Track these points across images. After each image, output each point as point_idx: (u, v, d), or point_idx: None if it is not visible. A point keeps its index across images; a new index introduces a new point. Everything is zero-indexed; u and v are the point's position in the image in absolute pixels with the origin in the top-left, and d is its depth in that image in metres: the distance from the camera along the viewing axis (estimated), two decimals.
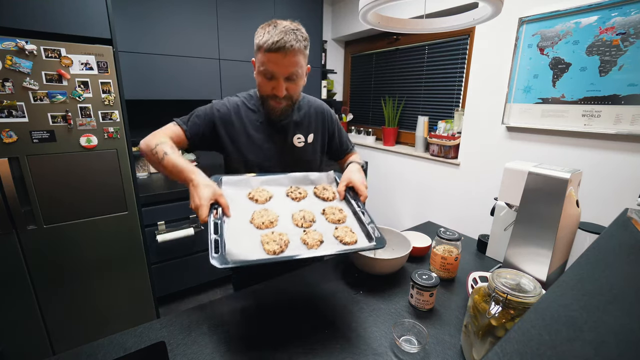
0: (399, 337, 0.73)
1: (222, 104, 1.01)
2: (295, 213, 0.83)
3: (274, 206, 0.85)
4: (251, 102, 1.03)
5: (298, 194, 0.90)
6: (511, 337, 0.35)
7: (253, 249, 0.70)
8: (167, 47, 2.00)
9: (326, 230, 0.79)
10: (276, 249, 0.69)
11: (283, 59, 0.85)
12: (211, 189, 0.75)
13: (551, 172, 0.88)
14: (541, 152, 1.69)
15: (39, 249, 1.45)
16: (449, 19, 1.04)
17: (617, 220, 0.78)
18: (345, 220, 0.85)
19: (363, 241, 0.77)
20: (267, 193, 0.88)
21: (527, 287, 0.60)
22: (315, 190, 0.94)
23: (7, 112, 1.29)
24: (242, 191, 0.88)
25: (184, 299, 2.25)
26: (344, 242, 0.76)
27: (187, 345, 0.73)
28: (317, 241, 0.74)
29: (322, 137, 1.12)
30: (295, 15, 2.48)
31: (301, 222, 0.80)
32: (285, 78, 0.89)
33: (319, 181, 0.98)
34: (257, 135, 1.00)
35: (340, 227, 0.81)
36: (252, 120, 1.01)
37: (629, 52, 1.33)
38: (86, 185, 1.51)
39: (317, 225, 0.81)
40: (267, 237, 0.72)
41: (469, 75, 2.00)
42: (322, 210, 0.87)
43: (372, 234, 0.77)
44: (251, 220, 0.78)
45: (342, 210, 0.87)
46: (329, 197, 0.92)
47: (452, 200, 2.21)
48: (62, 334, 1.59)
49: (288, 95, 0.93)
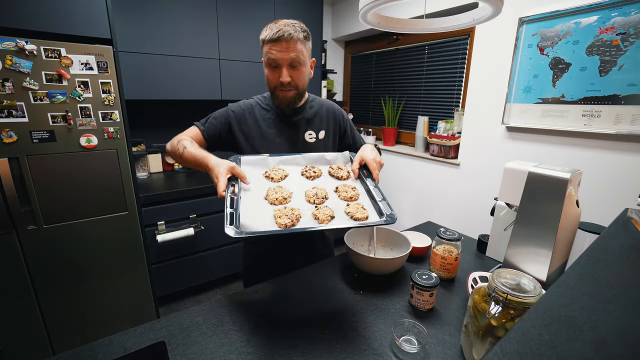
0: (399, 337, 0.73)
1: (237, 105, 1.08)
2: (308, 190, 0.86)
3: (289, 184, 0.88)
4: (265, 102, 1.10)
5: (313, 173, 0.92)
6: (511, 337, 0.35)
7: (265, 222, 0.73)
8: (167, 47, 2.00)
9: (338, 206, 0.81)
10: (287, 223, 0.72)
11: (283, 47, 0.93)
12: (225, 164, 0.82)
13: (551, 172, 0.88)
14: (541, 152, 1.69)
15: (39, 249, 1.45)
16: (449, 19, 1.04)
17: (617, 220, 0.78)
18: (357, 197, 0.86)
19: (374, 217, 0.78)
20: (282, 172, 0.91)
21: (527, 287, 0.60)
22: (330, 169, 0.96)
23: (7, 112, 1.29)
24: (258, 170, 0.91)
25: (184, 299, 2.25)
26: (354, 218, 0.76)
27: (187, 345, 0.73)
28: (327, 216, 0.76)
29: (334, 134, 1.16)
30: (295, 15, 2.48)
31: (313, 198, 0.82)
32: (288, 65, 0.96)
33: (335, 161, 1.00)
34: (269, 131, 1.06)
35: (352, 204, 0.82)
36: (265, 118, 1.07)
37: (629, 52, 1.33)
38: (86, 185, 1.51)
39: (329, 202, 0.83)
40: (280, 212, 0.75)
41: (469, 75, 2.00)
42: (335, 188, 0.89)
43: (383, 210, 0.78)
44: (265, 196, 0.81)
45: (354, 188, 0.89)
46: (343, 176, 0.94)
47: (452, 200, 2.21)
48: (62, 334, 1.59)
49: (293, 83, 0.98)
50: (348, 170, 0.96)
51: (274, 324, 0.80)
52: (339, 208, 0.80)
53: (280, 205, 0.79)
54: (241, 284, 2.44)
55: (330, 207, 0.79)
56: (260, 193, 0.82)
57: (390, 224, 0.76)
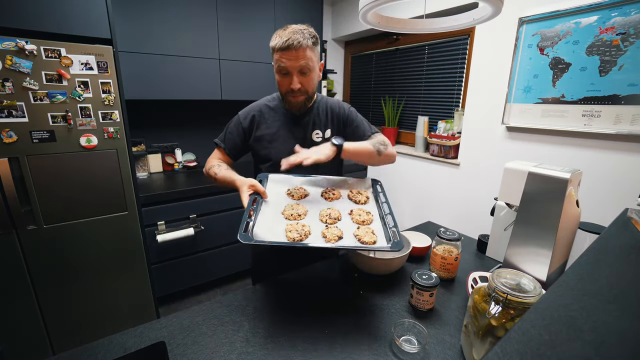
0: (399, 337, 0.73)
1: (246, 112, 1.13)
2: (322, 210, 0.90)
3: (307, 203, 0.93)
4: (273, 103, 1.14)
5: (332, 195, 0.97)
6: (511, 337, 0.35)
7: (276, 235, 0.78)
8: (167, 47, 1.99)
9: (348, 228, 0.84)
10: (296, 237, 0.76)
11: (292, 55, 0.96)
12: (247, 182, 0.92)
13: (551, 172, 0.88)
14: (541, 152, 1.69)
15: (39, 249, 1.45)
16: (449, 19, 1.04)
17: (617, 220, 0.78)
18: (370, 222, 0.88)
19: (382, 243, 0.78)
20: (303, 191, 0.97)
21: (527, 287, 0.60)
22: (350, 193, 1.00)
23: (7, 112, 1.29)
24: (282, 188, 0.98)
25: (184, 299, 2.25)
26: (362, 242, 0.78)
27: (187, 345, 0.73)
28: (335, 236, 0.78)
29: (338, 130, 1.18)
30: (295, 15, 2.48)
31: (326, 218, 0.86)
32: (297, 72, 0.99)
33: (356, 186, 1.04)
34: (278, 132, 1.10)
35: (362, 227, 0.85)
36: (275, 119, 1.11)
37: (629, 52, 1.33)
38: (86, 185, 1.51)
39: (340, 224, 0.86)
40: (291, 227, 0.80)
41: (469, 75, 2.00)
42: (350, 210, 0.91)
43: (392, 237, 0.79)
44: (282, 211, 0.88)
45: (369, 212, 0.91)
46: (362, 200, 0.97)
47: (452, 200, 2.21)
48: (62, 334, 1.59)
49: (303, 89, 1.02)
50: (367, 195, 0.99)
51: (274, 324, 0.80)
52: (349, 230, 0.83)
53: (293, 220, 0.84)
54: (241, 283, 2.45)
55: (340, 228, 0.82)
56: (279, 208, 0.89)
57: (394, 251, 0.78)
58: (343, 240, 0.78)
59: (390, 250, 0.75)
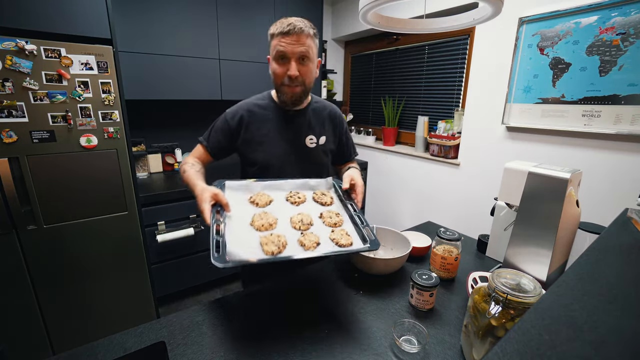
0: (399, 337, 0.73)
1: (233, 111, 1.07)
2: (293, 216, 0.86)
3: (274, 209, 0.88)
4: (263, 102, 1.08)
5: (297, 198, 0.93)
6: (511, 337, 0.35)
7: (252, 250, 0.72)
8: (167, 47, 1.99)
9: (323, 232, 0.82)
10: (274, 250, 0.72)
11: (294, 39, 0.92)
12: (209, 190, 0.81)
13: (551, 172, 0.88)
14: (541, 152, 1.69)
15: (39, 249, 1.45)
16: (449, 19, 1.04)
17: (617, 220, 0.78)
18: (341, 223, 0.88)
19: (358, 243, 0.80)
20: (267, 197, 0.91)
21: (527, 287, 0.60)
22: (314, 195, 0.97)
23: (7, 112, 1.29)
24: (243, 195, 0.92)
25: (184, 299, 2.25)
26: (339, 245, 0.78)
27: (187, 345, 0.73)
28: (313, 243, 0.77)
29: (334, 140, 1.16)
30: (295, 15, 2.47)
31: (299, 224, 0.83)
32: (297, 58, 0.94)
33: (319, 187, 1.02)
34: (269, 133, 1.05)
35: (336, 230, 0.84)
36: (265, 120, 1.06)
37: (629, 52, 1.33)
38: (86, 185, 1.51)
39: (314, 228, 0.84)
40: (266, 239, 0.75)
41: (469, 75, 2.00)
42: (320, 214, 0.90)
43: (366, 236, 0.81)
44: (251, 222, 0.81)
45: (339, 214, 0.90)
46: (327, 202, 0.95)
47: (452, 200, 2.21)
48: (62, 334, 1.59)
49: (301, 79, 0.97)
50: (331, 196, 0.98)
51: (274, 324, 0.80)
52: (324, 234, 0.82)
53: (266, 231, 0.79)
54: (241, 283, 2.44)
55: (315, 234, 0.80)
56: (246, 219, 0.82)
57: (373, 250, 0.78)
58: (321, 245, 0.77)
59: (369, 250, 0.77)
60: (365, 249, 0.77)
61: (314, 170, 1.10)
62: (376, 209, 2.91)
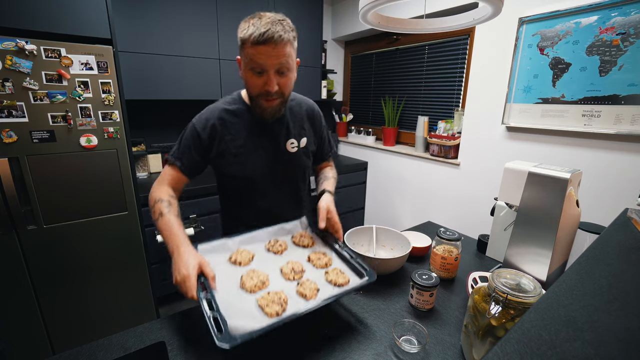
0: (399, 337, 0.73)
1: (203, 121, 0.94)
2: (283, 267, 0.83)
3: (260, 265, 0.83)
4: (234, 106, 0.96)
5: (279, 247, 0.91)
6: (511, 337, 0.35)
7: (254, 316, 0.66)
8: (167, 47, 1.99)
9: (318, 276, 0.81)
10: (278, 310, 0.67)
11: (272, 50, 0.79)
12: (197, 258, 0.72)
13: (551, 172, 0.88)
14: (541, 152, 1.69)
15: (39, 249, 1.45)
16: (449, 19, 1.04)
17: (617, 220, 0.78)
18: (331, 262, 0.87)
19: (354, 278, 0.80)
20: (248, 253, 0.86)
21: (527, 287, 0.60)
22: (294, 239, 0.96)
23: (7, 112, 1.29)
24: (222, 256, 0.85)
25: (184, 299, 2.25)
26: (338, 285, 0.77)
27: (187, 345, 0.73)
28: (313, 290, 0.74)
29: (315, 140, 1.08)
30: (295, 15, 2.48)
31: (292, 274, 0.80)
32: (275, 71, 0.83)
33: (295, 229, 1.00)
34: (245, 143, 0.95)
35: (329, 270, 0.83)
36: (238, 128, 0.94)
37: (629, 52, 1.33)
38: (86, 185, 1.51)
39: (307, 274, 0.82)
40: (265, 300, 0.69)
41: (469, 75, 2.00)
42: (307, 257, 0.88)
43: (359, 268, 0.81)
44: (241, 285, 0.75)
45: (325, 253, 0.89)
46: (309, 243, 0.94)
47: (452, 200, 2.21)
48: (62, 334, 1.59)
49: (280, 91, 0.86)
50: (310, 236, 0.97)
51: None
52: (320, 278, 0.80)
53: (260, 291, 0.74)
54: None
55: (311, 280, 0.78)
56: (234, 283, 0.76)
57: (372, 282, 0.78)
58: (321, 291, 0.75)
59: (368, 282, 0.77)
60: (365, 283, 0.76)
61: (299, 175, 1.05)
62: (376, 209, 2.91)
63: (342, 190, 2.79)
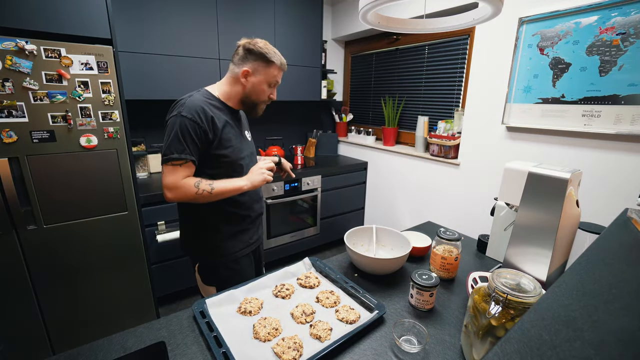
0: (399, 337, 0.73)
1: (200, 112, 0.99)
2: (293, 311, 0.84)
3: (270, 312, 0.84)
4: (214, 102, 1.08)
5: (286, 291, 0.92)
6: (511, 337, 0.35)
7: None
8: (167, 47, 1.99)
9: (329, 316, 0.83)
10: (295, 356, 0.68)
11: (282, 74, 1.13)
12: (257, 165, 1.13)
13: (551, 172, 0.88)
14: (541, 152, 1.69)
15: (39, 249, 1.45)
16: (449, 19, 1.04)
17: (617, 220, 0.78)
18: (340, 300, 0.89)
19: (365, 313, 0.82)
20: (257, 301, 0.87)
21: (527, 287, 0.60)
22: (299, 281, 0.98)
23: (7, 112, 1.29)
24: (230, 308, 0.85)
25: (184, 299, 2.25)
26: (349, 322, 0.79)
27: (187, 345, 0.73)
28: (327, 331, 0.76)
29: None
30: (295, 15, 2.48)
31: (303, 318, 0.81)
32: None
33: (299, 271, 1.03)
34: (232, 132, 1.10)
35: (339, 308, 0.85)
36: (223, 119, 1.07)
37: (629, 52, 1.33)
38: (86, 185, 1.51)
39: (318, 315, 0.83)
40: (280, 347, 0.71)
41: (469, 75, 2.00)
42: (316, 298, 0.90)
43: (368, 302, 0.84)
44: (255, 335, 0.76)
45: (333, 292, 0.91)
46: (315, 284, 0.96)
47: (452, 200, 2.21)
48: (62, 334, 1.59)
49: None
50: (315, 276, 1.00)
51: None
52: (331, 317, 0.82)
53: (275, 338, 0.75)
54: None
55: (323, 321, 0.79)
56: (247, 334, 0.76)
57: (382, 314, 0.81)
58: (334, 330, 0.77)
59: (378, 315, 0.79)
60: (375, 317, 0.79)
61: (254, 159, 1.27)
62: (376, 209, 2.91)
63: (342, 190, 2.79)
